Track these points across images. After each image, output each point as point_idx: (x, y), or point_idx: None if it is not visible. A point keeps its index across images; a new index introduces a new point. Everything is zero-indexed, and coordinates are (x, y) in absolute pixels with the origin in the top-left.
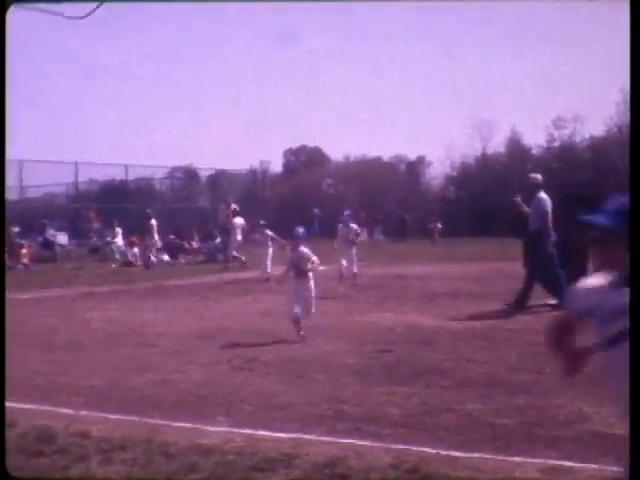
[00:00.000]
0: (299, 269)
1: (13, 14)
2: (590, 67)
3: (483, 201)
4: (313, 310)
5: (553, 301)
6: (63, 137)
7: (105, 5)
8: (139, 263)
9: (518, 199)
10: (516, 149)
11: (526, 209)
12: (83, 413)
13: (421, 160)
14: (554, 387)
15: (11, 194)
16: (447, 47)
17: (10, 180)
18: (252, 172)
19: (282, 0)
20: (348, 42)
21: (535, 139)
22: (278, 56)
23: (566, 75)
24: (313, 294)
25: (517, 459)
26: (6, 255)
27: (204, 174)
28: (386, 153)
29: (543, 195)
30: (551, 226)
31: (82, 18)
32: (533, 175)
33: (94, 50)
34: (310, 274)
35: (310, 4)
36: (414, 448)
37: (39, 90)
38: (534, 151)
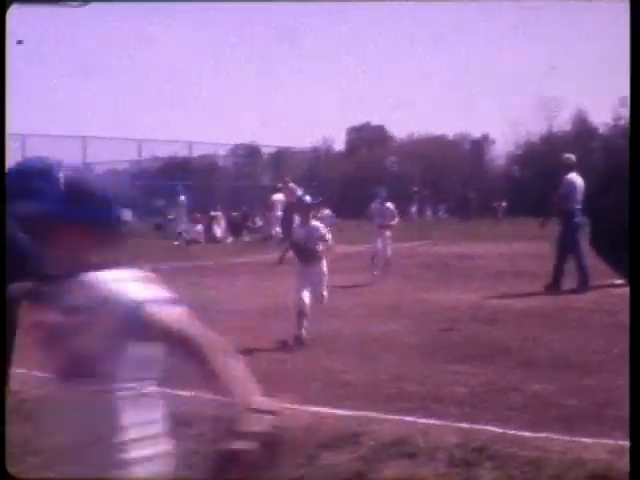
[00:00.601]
0: (308, 248)
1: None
2: None
3: (548, 180)
4: (325, 296)
5: (620, 280)
6: (127, 114)
7: None
8: (202, 240)
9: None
10: (582, 127)
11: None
12: None
13: (485, 138)
14: (623, 367)
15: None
16: (513, 24)
17: (74, 157)
18: (315, 150)
19: None
20: (412, 19)
21: (602, 117)
22: (343, 33)
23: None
24: (325, 278)
25: (586, 440)
26: None
27: (267, 152)
28: (450, 131)
29: (570, 176)
30: (577, 207)
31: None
32: (566, 156)
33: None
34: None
35: None
36: (480, 427)
37: (103, 67)
38: (600, 130)
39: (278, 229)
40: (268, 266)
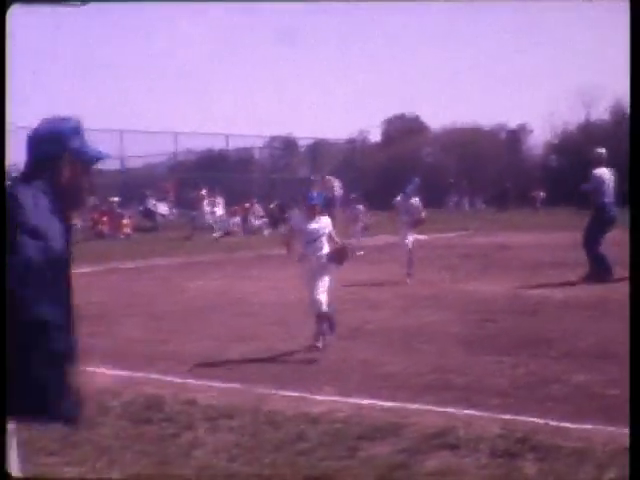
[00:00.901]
0: (315, 248)
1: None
2: None
3: (585, 170)
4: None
5: None
6: (163, 107)
7: None
8: (240, 232)
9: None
10: (620, 116)
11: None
12: (189, 381)
13: (522, 128)
14: None
15: (112, 164)
16: (549, 13)
17: (111, 150)
18: (351, 142)
19: None
20: (449, 8)
21: None
22: (378, 23)
23: None
24: (330, 278)
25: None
26: (107, 226)
27: (303, 144)
28: (486, 122)
29: (598, 171)
30: (607, 200)
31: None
32: (597, 150)
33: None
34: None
35: None
36: (523, 418)
37: (141, 62)
38: None
39: None
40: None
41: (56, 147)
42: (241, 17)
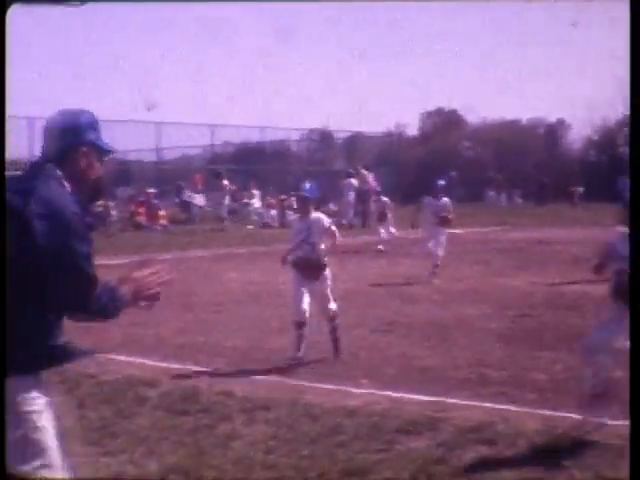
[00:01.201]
0: (310, 246)
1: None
2: None
3: (625, 164)
4: (333, 307)
5: None
6: (200, 99)
7: None
8: (276, 224)
9: None
10: None
11: None
12: (225, 373)
13: (561, 122)
14: None
15: (148, 156)
16: (589, 5)
17: (148, 142)
18: (388, 135)
19: None
20: (487, 4)
21: None
22: (415, 18)
23: None
24: (329, 283)
25: None
26: (144, 217)
27: (340, 136)
28: (524, 116)
29: None
30: None
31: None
32: None
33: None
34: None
35: None
36: (561, 414)
37: (180, 54)
38: None
39: (351, 214)
40: (343, 250)
41: (73, 138)
42: (280, 9)
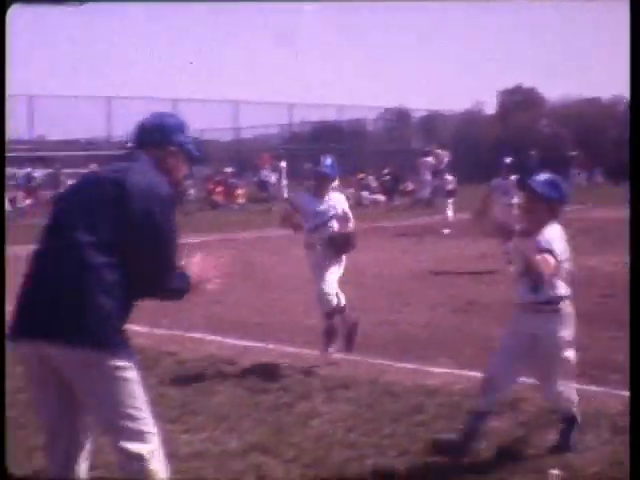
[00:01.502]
0: (323, 233)
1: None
2: None
3: None
4: (341, 300)
5: None
6: (277, 78)
7: None
8: (352, 203)
9: None
10: None
11: None
12: (305, 352)
13: None
14: None
15: (225, 135)
16: None
17: (225, 121)
18: (466, 113)
19: None
20: None
21: None
22: None
23: None
24: (339, 268)
25: None
26: (221, 196)
27: (417, 115)
28: (604, 94)
29: None
30: None
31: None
32: None
33: None
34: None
35: None
36: None
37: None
38: None
39: (427, 192)
40: (421, 229)
41: (162, 137)
42: None
